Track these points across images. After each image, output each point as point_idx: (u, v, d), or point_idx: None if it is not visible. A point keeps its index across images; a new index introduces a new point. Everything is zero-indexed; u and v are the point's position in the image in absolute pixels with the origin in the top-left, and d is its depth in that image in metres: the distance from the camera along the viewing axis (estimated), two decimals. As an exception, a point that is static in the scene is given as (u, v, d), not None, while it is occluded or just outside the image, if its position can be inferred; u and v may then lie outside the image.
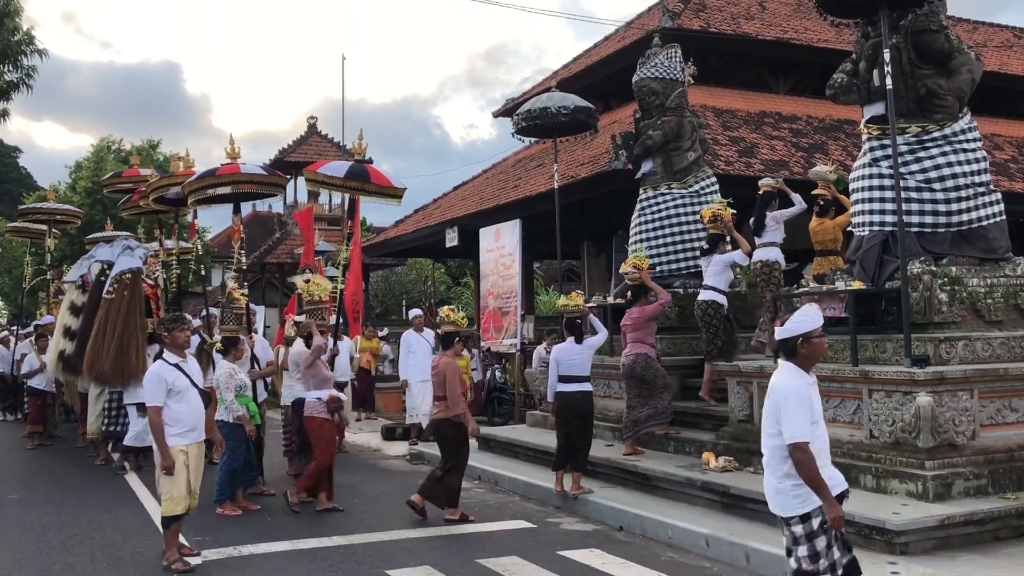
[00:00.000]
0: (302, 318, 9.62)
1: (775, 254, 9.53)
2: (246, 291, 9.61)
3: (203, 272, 13.65)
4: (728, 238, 9.60)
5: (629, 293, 9.55)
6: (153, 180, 12.38)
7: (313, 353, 8.48)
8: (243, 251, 10.49)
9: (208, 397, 7.11)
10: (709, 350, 9.45)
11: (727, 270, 9.47)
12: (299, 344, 9.12)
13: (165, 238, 13.83)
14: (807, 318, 4.51)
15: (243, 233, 10.51)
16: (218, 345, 10.57)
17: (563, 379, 8.43)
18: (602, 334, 8.91)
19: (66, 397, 14.49)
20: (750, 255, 9.47)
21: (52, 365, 12.81)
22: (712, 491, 7.52)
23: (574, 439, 8.37)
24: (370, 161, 11.21)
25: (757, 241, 9.47)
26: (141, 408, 10.61)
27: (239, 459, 8.42)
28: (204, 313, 12.07)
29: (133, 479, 10.28)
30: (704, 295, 9.49)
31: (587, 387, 8.48)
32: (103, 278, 11.95)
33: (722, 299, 9.41)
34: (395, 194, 10.85)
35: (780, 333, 4.56)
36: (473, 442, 11.89)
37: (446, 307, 8.73)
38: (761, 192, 9.68)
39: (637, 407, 9.07)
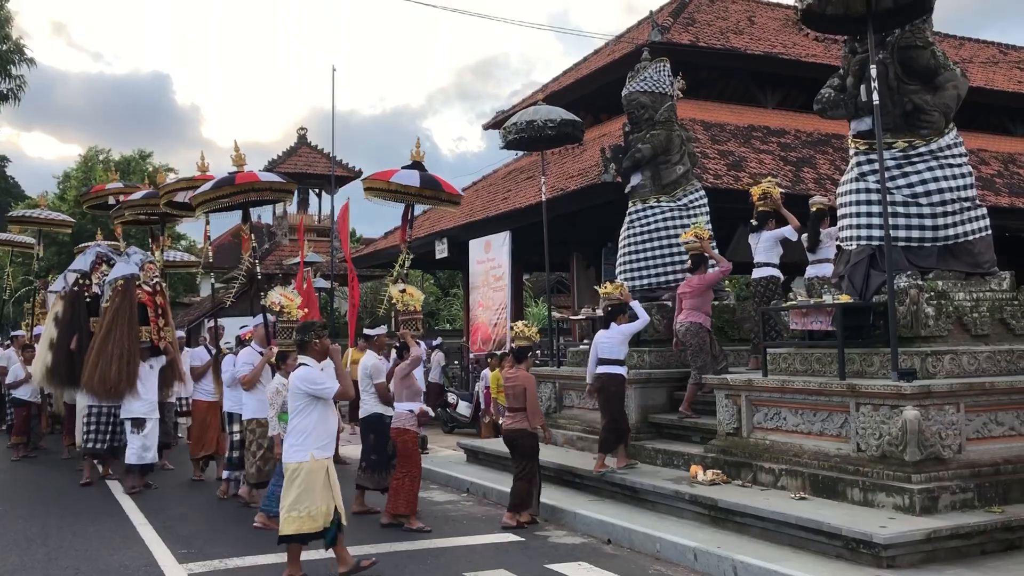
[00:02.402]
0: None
1: (830, 270, 9.62)
2: (299, 303, 9.32)
3: (213, 281, 13.30)
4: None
5: (689, 262, 9.86)
6: (167, 184, 11.93)
7: (410, 364, 8.35)
8: (255, 259, 10.24)
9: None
10: (767, 332, 9.41)
11: (777, 245, 9.67)
12: (372, 356, 8.89)
13: (156, 249, 13.66)
14: None
15: (254, 241, 10.23)
16: (224, 354, 10.44)
17: (600, 362, 8.92)
18: (642, 320, 9.17)
19: (55, 408, 14.37)
20: (799, 231, 9.59)
21: (39, 377, 12.62)
22: (700, 504, 7.52)
23: (605, 417, 8.87)
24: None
25: (811, 257, 9.57)
26: (137, 423, 10.36)
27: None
28: (212, 324, 11.75)
29: (118, 490, 10.20)
30: (760, 272, 9.60)
31: (616, 369, 8.87)
32: (76, 287, 11.72)
33: (779, 273, 9.56)
34: (457, 201, 10.82)
35: None
36: (461, 454, 11.94)
37: (520, 322, 9.05)
38: (814, 209, 9.71)
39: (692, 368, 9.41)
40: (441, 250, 18.99)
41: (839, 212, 8.27)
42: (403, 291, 9.40)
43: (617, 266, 11.78)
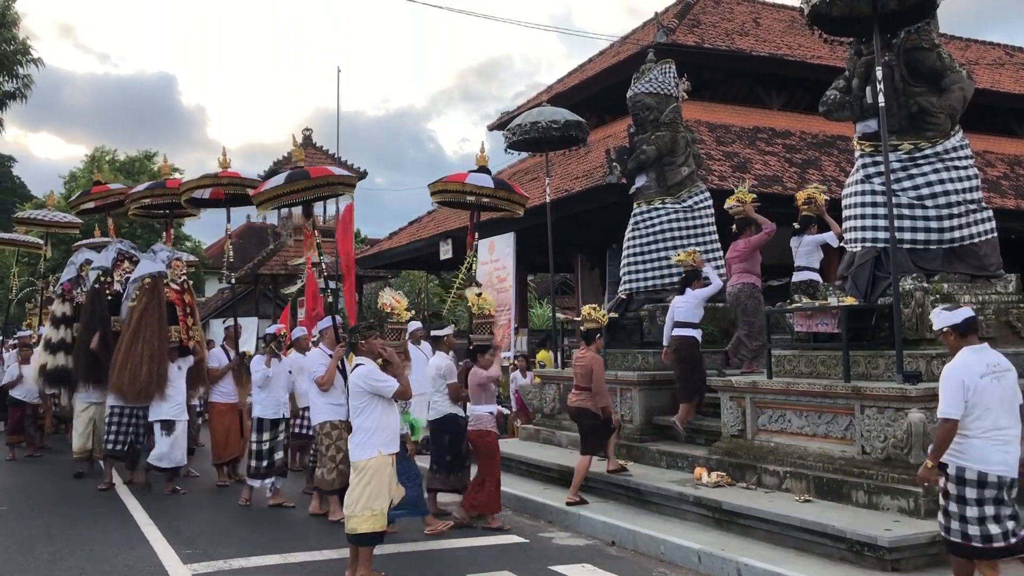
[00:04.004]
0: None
1: None
2: (407, 305, 9.05)
3: (231, 281, 12.79)
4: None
5: (735, 226, 10.01)
6: (188, 180, 11.42)
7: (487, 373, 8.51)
8: (321, 257, 9.87)
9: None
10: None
11: (818, 250, 9.77)
12: (443, 357, 8.80)
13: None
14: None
15: (318, 238, 9.80)
16: (249, 356, 10.20)
17: (675, 325, 9.35)
18: (715, 284, 9.47)
19: (59, 409, 14.26)
20: (841, 238, 9.64)
21: (33, 377, 12.17)
22: (704, 506, 7.51)
23: (678, 377, 9.35)
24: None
25: None
26: (166, 426, 10.05)
27: (413, 474, 8.14)
28: (230, 325, 11.35)
29: (124, 491, 10.21)
30: (800, 276, 9.65)
31: (690, 332, 9.26)
32: (97, 285, 11.19)
33: (819, 277, 9.67)
34: (524, 203, 10.81)
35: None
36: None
37: (588, 306, 9.38)
38: None
39: (745, 330, 9.57)
40: (445, 251, 19.00)
41: (844, 214, 8.26)
42: (479, 295, 9.35)
43: (621, 267, 11.77)
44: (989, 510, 4.86)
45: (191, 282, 11.17)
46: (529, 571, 6.70)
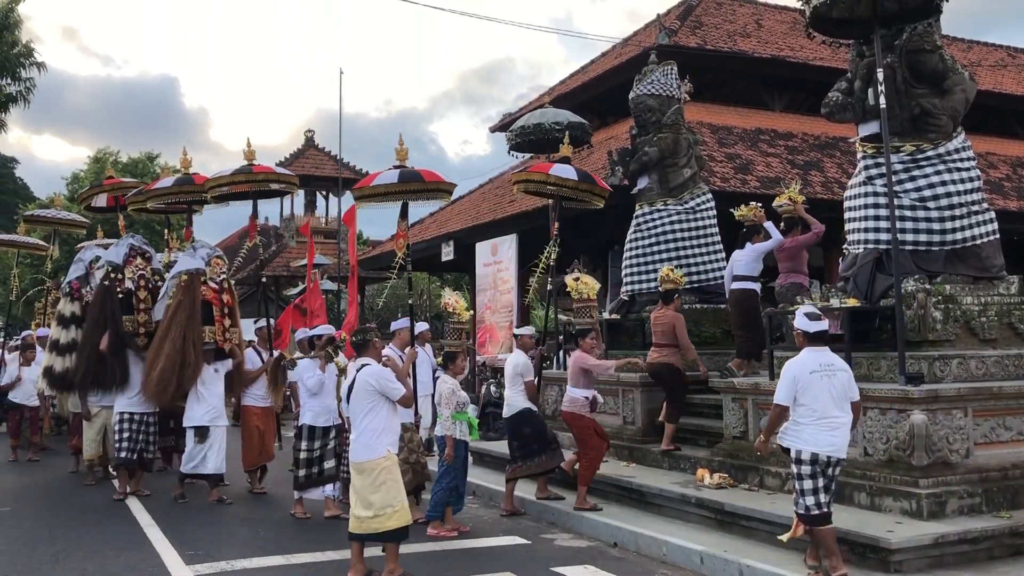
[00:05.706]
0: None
1: None
2: (468, 305, 8.81)
3: (264, 280, 12.42)
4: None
5: (782, 224, 9.98)
6: (219, 174, 10.90)
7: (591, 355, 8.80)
8: (408, 257, 9.39)
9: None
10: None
11: None
12: (521, 355, 8.89)
13: (177, 242, 12.75)
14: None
15: (408, 239, 9.43)
16: (291, 360, 9.69)
17: (734, 278, 9.63)
18: (775, 239, 9.50)
19: (58, 410, 14.21)
20: None
21: (39, 380, 11.80)
22: (707, 508, 7.51)
23: (737, 329, 9.55)
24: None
25: None
26: (200, 432, 9.57)
27: (459, 476, 8.21)
28: (263, 325, 10.89)
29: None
30: None
31: (749, 285, 9.52)
32: (107, 282, 10.59)
33: None
34: (606, 196, 10.87)
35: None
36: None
37: (666, 266, 9.83)
38: None
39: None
40: (447, 252, 19.02)
41: (846, 215, 8.26)
42: (577, 279, 9.40)
43: (623, 269, 11.77)
44: (820, 482, 5.77)
45: (232, 282, 10.71)
46: (531, 572, 6.71)
